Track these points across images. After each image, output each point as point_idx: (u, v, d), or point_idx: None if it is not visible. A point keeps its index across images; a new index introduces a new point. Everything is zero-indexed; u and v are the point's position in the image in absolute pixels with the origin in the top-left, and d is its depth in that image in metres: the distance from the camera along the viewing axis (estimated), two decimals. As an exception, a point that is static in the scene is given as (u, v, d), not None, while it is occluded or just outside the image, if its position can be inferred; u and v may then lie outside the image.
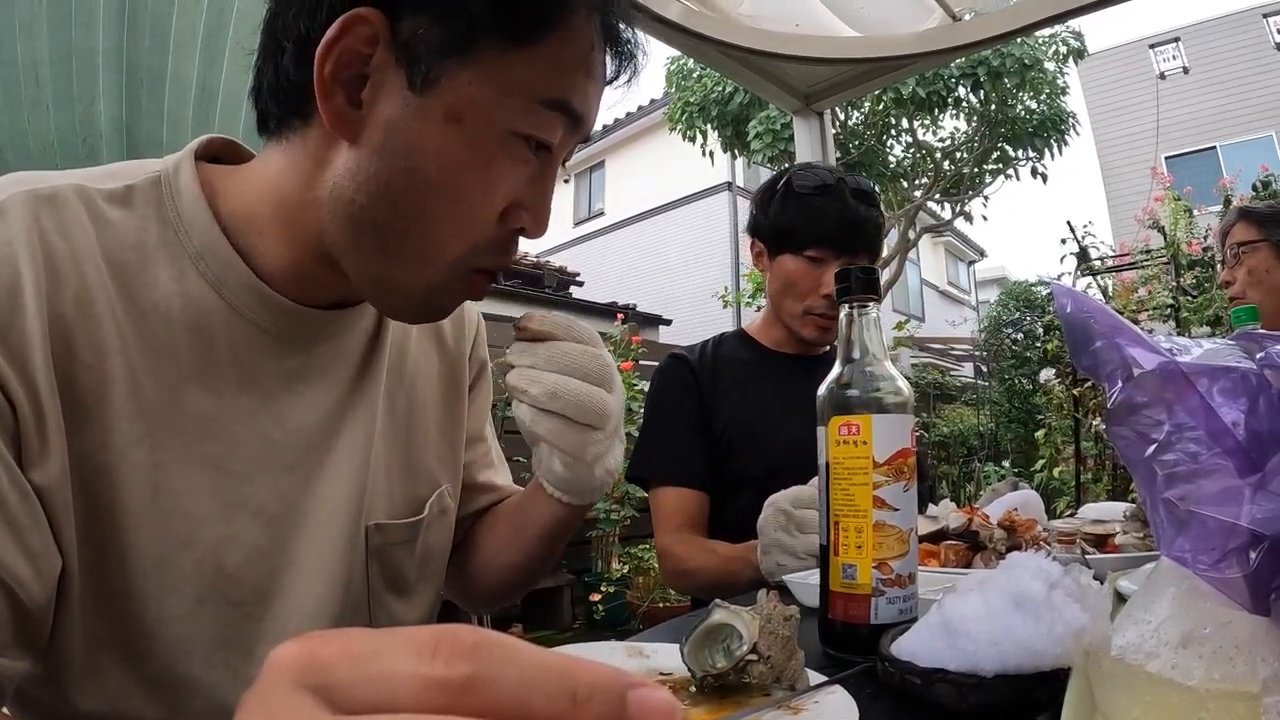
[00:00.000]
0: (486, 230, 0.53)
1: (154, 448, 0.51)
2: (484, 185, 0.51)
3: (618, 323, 5.59)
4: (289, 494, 0.57)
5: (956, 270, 17.57)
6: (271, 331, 0.56)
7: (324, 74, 0.48)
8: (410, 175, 0.49)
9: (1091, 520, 1.07)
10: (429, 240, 0.51)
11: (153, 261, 0.52)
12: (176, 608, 0.52)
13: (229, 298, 0.54)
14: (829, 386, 0.69)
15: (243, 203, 0.55)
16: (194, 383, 0.53)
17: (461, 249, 0.52)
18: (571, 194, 14.02)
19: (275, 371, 0.56)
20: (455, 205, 0.51)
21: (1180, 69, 12.65)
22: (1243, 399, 0.42)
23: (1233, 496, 0.39)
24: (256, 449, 0.55)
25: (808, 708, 0.51)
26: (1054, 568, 0.52)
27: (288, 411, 0.57)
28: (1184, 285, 4.72)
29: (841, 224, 1.28)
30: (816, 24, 2.14)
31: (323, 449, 0.59)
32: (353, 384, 0.62)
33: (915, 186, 7.87)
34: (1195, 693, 0.38)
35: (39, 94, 1.51)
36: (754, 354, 1.43)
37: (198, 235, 0.53)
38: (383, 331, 0.65)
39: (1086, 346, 0.48)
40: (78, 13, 1.45)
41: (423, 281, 0.53)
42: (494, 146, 0.50)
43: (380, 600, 0.65)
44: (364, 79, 0.49)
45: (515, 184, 0.52)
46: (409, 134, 0.49)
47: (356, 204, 0.51)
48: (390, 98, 0.49)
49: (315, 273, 0.56)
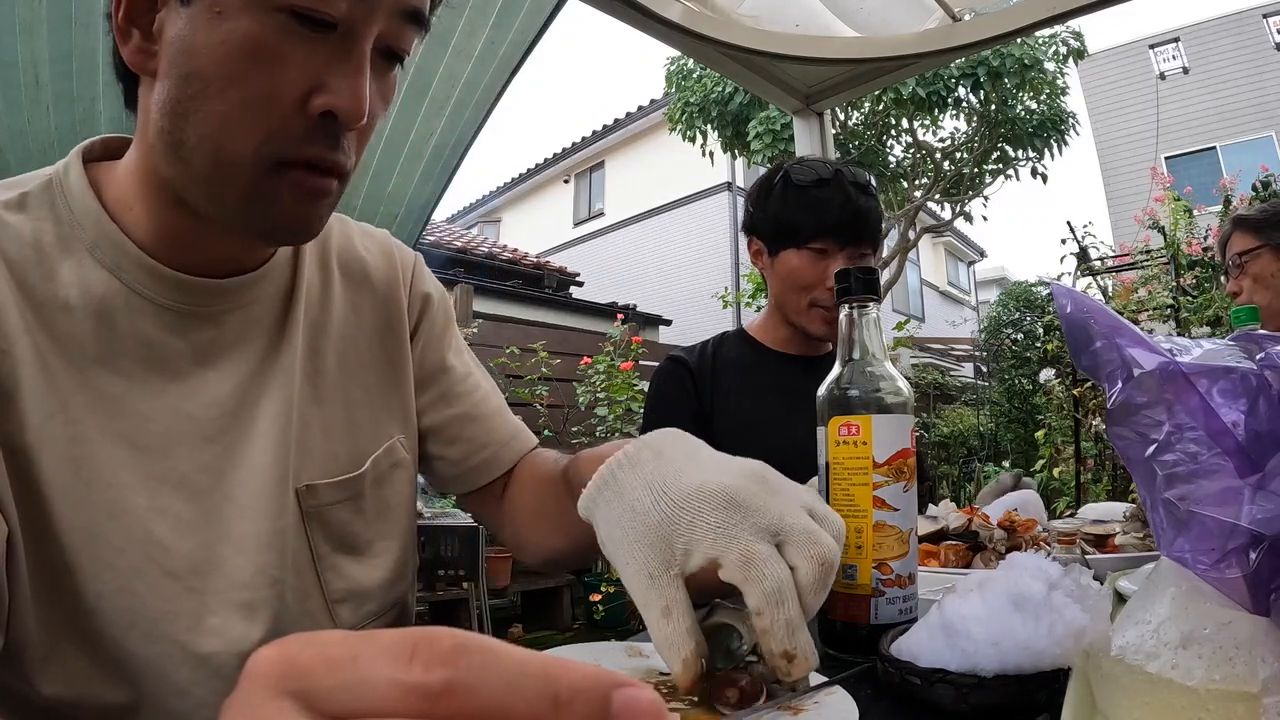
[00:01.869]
0: (282, 118, 0.51)
1: (68, 423, 0.52)
2: (261, 69, 0.49)
3: (618, 323, 5.59)
4: (212, 465, 0.58)
5: (956, 270, 17.57)
6: (174, 309, 0.57)
7: (119, 22, 0.51)
8: (189, 81, 0.50)
9: (1091, 520, 1.07)
10: (221, 140, 0.50)
11: (50, 258, 0.54)
12: (113, 581, 0.53)
13: (127, 280, 0.55)
14: (829, 387, 0.69)
15: (117, 186, 0.57)
16: (99, 366, 0.54)
17: (254, 140, 0.50)
18: (571, 194, 14.03)
19: (184, 347, 0.58)
20: (233, 95, 0.49)
21: (1180, 69, 12.65)
22: (1242, 399, 0.42)
23: (1232, 497, 0.39)
24: (169, 424, 0.56)
25: (808, 708, 0.51)
26: (1054, 568, 0.52)
27: (200, 385, 0.58)
28: (1184, 285, 4.72)
29: (844, 215, 1.27)
30: (816, 24, 2.14)
31: (243, 418, 0.60)
32: (268, 350, 0.62)
33: (915, 186, 7.87)
34: (1195, 693, 0.38)
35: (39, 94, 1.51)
36: (755, 354, 1.42)
37: (90, 226, 0.55)
38: (296, 291, 0.65)
39: (1086, 347, 0.48)
40: (78, 13, 1.45)
41: (236, 186, 0.52)
42: (264, 29, 0.49)
43: (330, 563, 0.64)
44: (154, 18, 0.51)
45: (306, 66, 0.50)
46: (184, 43, 0.49)
47: (165, 130, 0.51)
48: (172, 21, 0.50)
49: (179, 227, 0.56)
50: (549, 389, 5.05)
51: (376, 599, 0.67)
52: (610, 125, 12.62)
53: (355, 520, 0.66)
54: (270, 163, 0.51)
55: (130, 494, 0.54)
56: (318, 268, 0.68)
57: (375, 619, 0.68)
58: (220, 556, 0.57)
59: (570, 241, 13.50)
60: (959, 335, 10.86)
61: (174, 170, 0.53)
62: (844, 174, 1.30)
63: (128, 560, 0.53)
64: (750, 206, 1.40)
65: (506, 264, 8.78)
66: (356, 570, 0.66)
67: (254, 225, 0.55)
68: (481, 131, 2.26)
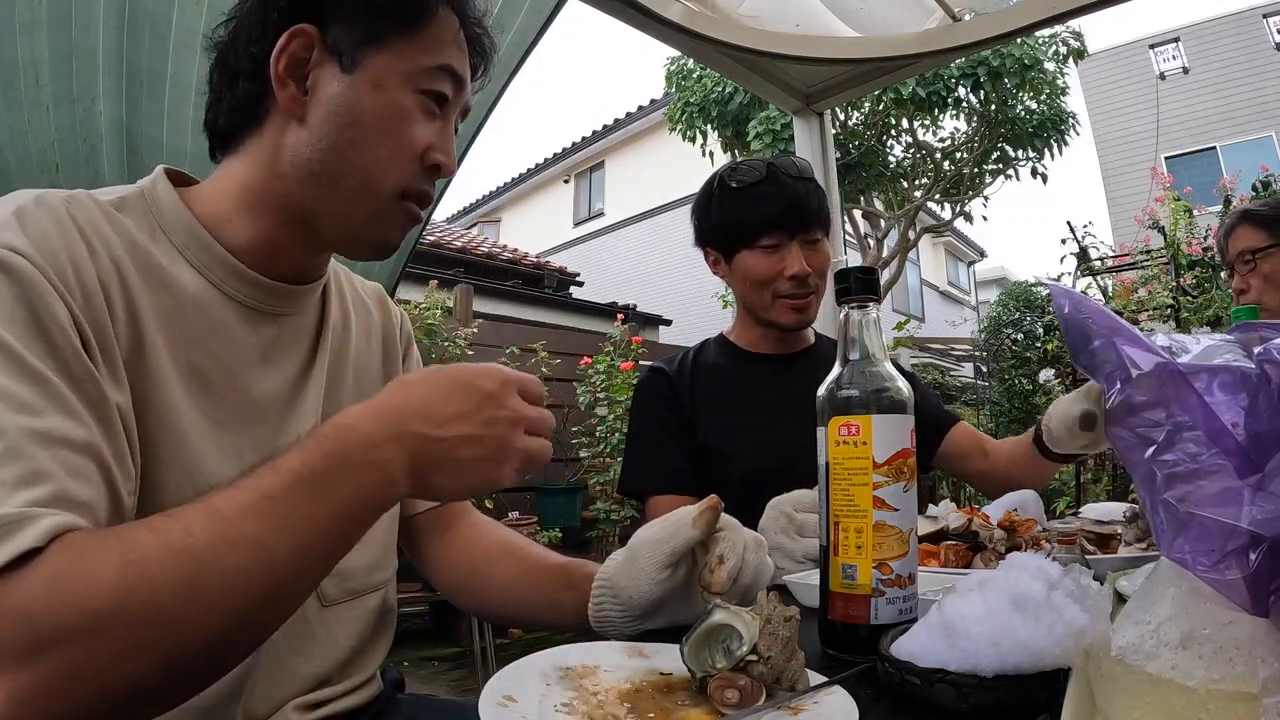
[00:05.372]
0: (411, 166, 0.69)
1: (171, 394, 0.62)
2: (404, 130, 0.68)
3: (618, 323, 5.58)
4: (263, 446, 0.68)
5: (956, 270, 17.56)
6: (249, 306, 0.69)
7: (279, 72, 0.66)
8: (350, 129, 0.66)
9: (1094, 520, 1.07)
10: (370, 175, 0.68)
11: (152, 251, 0.64)
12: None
13: (212, 278, 0.67)
14: (829, 387, 0.69)
15: (213, 203, 0.69)
16: (197, 345, 0.65)
17: (394, 181, 0.69)
18: (571, 194, 14.03)
19: (254, 341, 0.70)
20: (384, 146, 0.67)
21: (1180, 69, 12.65)
22: (1242, 393, 0.41)
23: (1232, 498, 0.39)
24: (241, 404, 0.67)
25: (808, 708, 0.51)
26: (1054, 568, 0.52)
27: (263, 376, 0.70)
28: (1184, 285, 4.72)
29: (784, 205, 1.28)
30: (816, 24, 2.14)
31: (287, 410, 0.72)
32: (308, 357, 0.75)
33: (915, 187, 7.86)
34: (1195, 693, 0.38)
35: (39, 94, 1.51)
36: (732, 358, 1.42)
37: (181, 232, 0.67)
38: (327, 312, 0.78)
39: (1085, 346, 0.48)
40: (78, 13, 1.45)
41: (371, 209, 0.69)
42: (406, 101, 0.68)
43: None
44: (305, 75, 0.66)
45: (427, 132, 0.70)
46: (345, 101, 0.66)
47: (314, 162, 0.67)
48: (327, 82, 0.66)
49: (282, 242, 0.70)
50: (549, 389, 5.02)
51: (357, 579, 0.76)
52: (610, 125, 12.61)
53: None
54: (398, 193, 0.69)
55: (204, 462, 0.63)
56: (338, 298, 0.81)
57: (356, 597, 0.76)
58: None
59: (570, 241, 13.50)
60: (959, 335, 10.86)
61: (312, 192, 0.67)
62: (776, 166, 1.31)
63: None
64: (696, 220, 1.41)
65: (506, 264, 8.78)
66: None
67: (364, 238, 0.71)
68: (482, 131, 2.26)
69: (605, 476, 4.77)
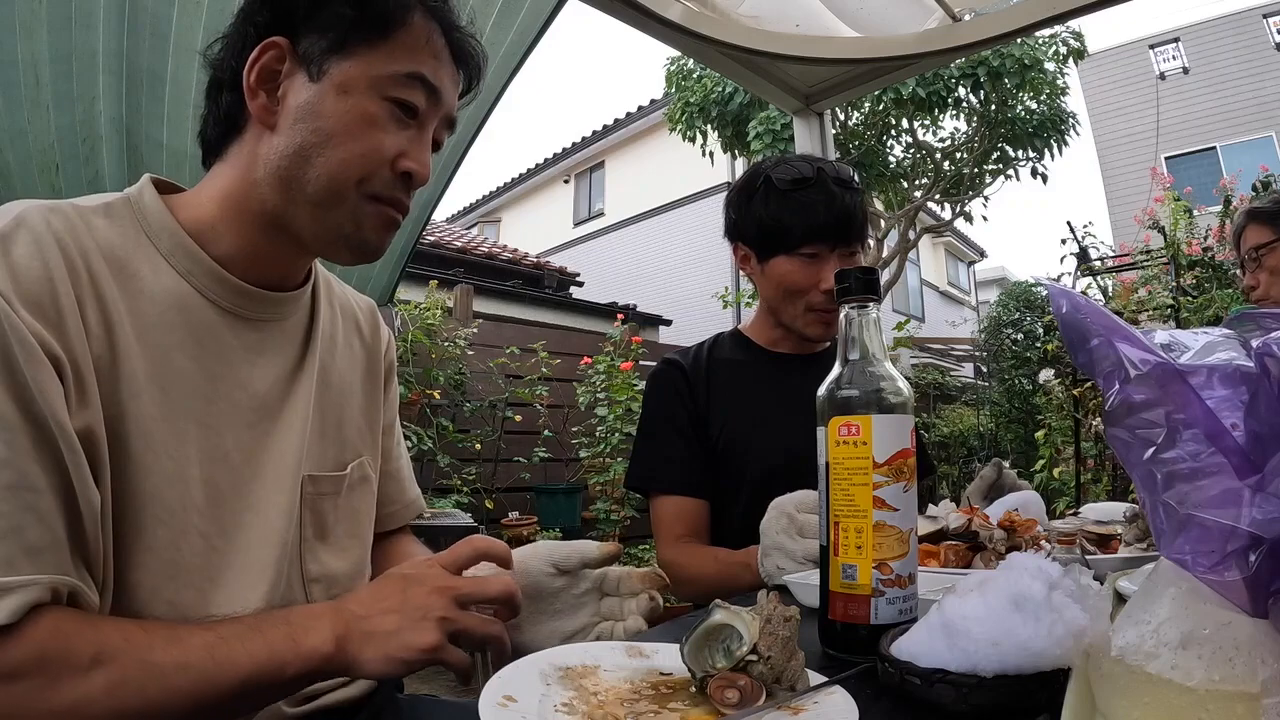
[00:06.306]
0: (379, 171, 0.70)
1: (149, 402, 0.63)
2: (369, 134, 0.69)
3: (618, 323, 5.58)
4: (249, 446, 0.71)
5: (956, 270, 17.56)
6: (230, 311, 0.71)
7: (250, 84, 0.69)
8: (315, 134, 0.68)
9: (1094, 520, 1.07)
10: (333, 177, 0.69)
11: (134, 259, 0.66)
12: (163, 537, 0.63)
13: (196, 284, 0.69)
14: (829, 387, 0.69)
15: (198, 210, 0.71)
16: (177, 350, 0.66)
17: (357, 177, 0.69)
18: (571, 194, 14.03)
19: (236, 344, 0.71)
20: (347, 150, 0.68)
21: (1180, 69, 12.64)
22: (1242, 387, 0.41)
23: (1232, 499, 0.39)
24: (225, 407, 0.69)
25: (808, 708, 0.51)
26: (1054, 568, 0.52)
27: (247, 378, 0.72)
28: (1184, 285, 4.72)
29: (831, 217, 1.24)
30: (816, 24, 2.14)
31: (275, 410, 0.74)
32: (296, 360, 0.77)
33: (915, 187, 7.85)
34: (1195, 693, 0.38)
35: (39, 94, 1.51)
36: (749, 355, 1.41)
37: (166, 238, 0.69)
38: (316, 319, 0.80)
39: (1082, 346, 0.48)
40: (78, 13, 1.45)
41: (339, 210, 0.70)
42: (373, 107, 0.69)
43: (309, 546, 0.75)
44: (277, 86, 0.69)
45: (399, 139, 0.71)
46: (313, 108, 0.68)
47: (283, 169, 0.69)
48: (296, 91, 0.69)
49: (264, 248, 0.72)
50: (549, 389, 5.05)
51: (342, 585, 0.77)
52: (610, 125, 12.61)
53: (331, 513, 0.78)
54: (366, 195, 0.70)
55: (188, 465, 0.65)
56: (328, 306, 0.83)
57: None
58: (245, 522, 0.69)
59: (570, 241, 13.49)
60: (959, 335, 10.86)
61: (284, 198, 0.69)
62: (826, 172, 1.27)
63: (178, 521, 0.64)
64: (732, 212, 1.35)
65: (506, 264, 8.78)
66: (328, 556, 0.77)
67: (339, 241, 0.72)
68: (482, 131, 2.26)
69: (605, 476, 4.76)
